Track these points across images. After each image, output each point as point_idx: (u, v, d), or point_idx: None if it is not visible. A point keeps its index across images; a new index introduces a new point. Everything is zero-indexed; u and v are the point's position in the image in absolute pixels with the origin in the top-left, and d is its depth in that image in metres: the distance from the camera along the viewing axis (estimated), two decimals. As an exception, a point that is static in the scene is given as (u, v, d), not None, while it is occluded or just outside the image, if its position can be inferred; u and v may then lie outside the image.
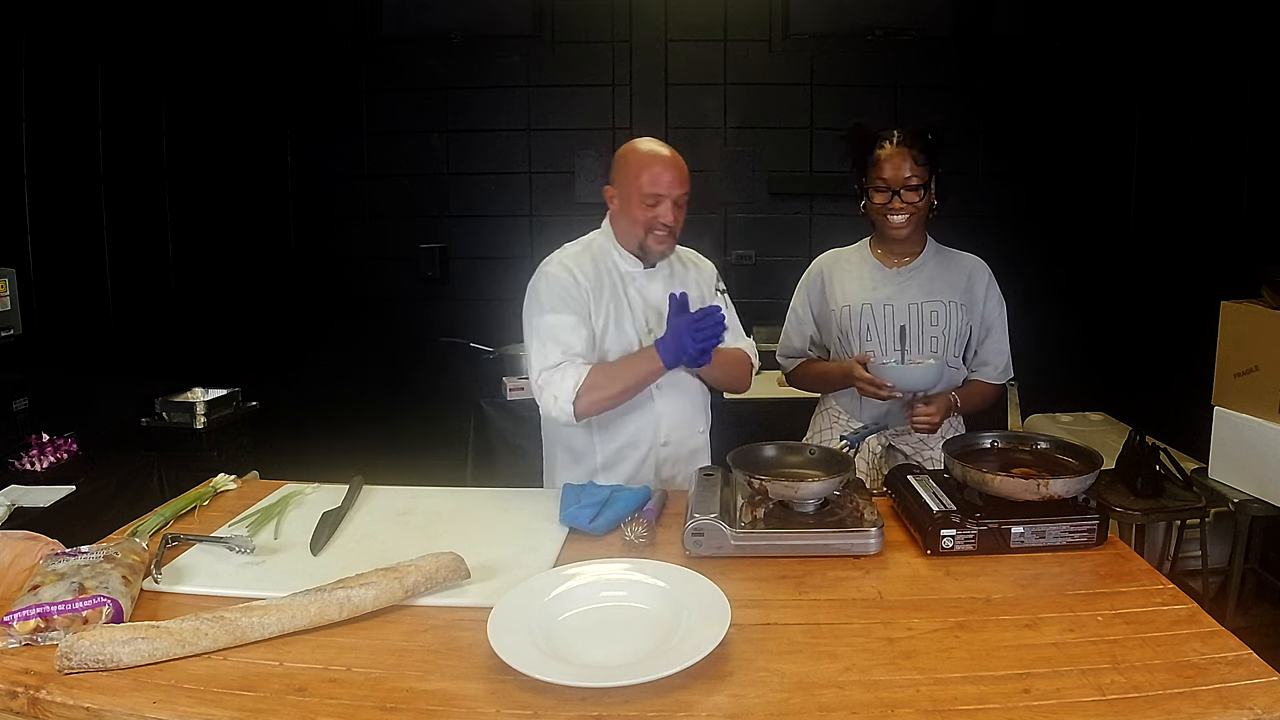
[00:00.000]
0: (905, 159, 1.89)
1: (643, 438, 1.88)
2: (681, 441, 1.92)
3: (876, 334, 1.98)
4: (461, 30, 4.16)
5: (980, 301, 2.00)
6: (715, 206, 4.18)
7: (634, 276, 1.88)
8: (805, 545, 1.38)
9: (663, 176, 1.77)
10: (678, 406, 1.91)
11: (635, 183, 1.78)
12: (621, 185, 1.82)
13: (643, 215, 1.79)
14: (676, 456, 1.92)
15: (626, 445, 1.88)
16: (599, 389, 1.71)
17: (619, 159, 1.84)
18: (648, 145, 1.82)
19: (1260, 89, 3.19)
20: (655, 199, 1.77)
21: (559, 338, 1.76)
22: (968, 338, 2.01)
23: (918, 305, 1.97)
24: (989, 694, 0.99)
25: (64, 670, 1.03)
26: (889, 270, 2.01)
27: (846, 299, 2.02)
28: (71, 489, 2.53)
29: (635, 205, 1.79)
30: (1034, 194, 4.11)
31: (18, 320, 2.78)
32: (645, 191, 1.77)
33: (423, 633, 1.15)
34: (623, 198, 1.82)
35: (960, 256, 2.03)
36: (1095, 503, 1.44)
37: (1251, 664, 1.04)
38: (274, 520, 1.54)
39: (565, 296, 1.79)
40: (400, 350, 4.31)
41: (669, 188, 1.77)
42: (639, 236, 1.82)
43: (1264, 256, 2.66)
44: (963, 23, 4.10)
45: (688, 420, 1.93)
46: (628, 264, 1.88)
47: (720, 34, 4.09)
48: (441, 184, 4.23)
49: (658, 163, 1.78)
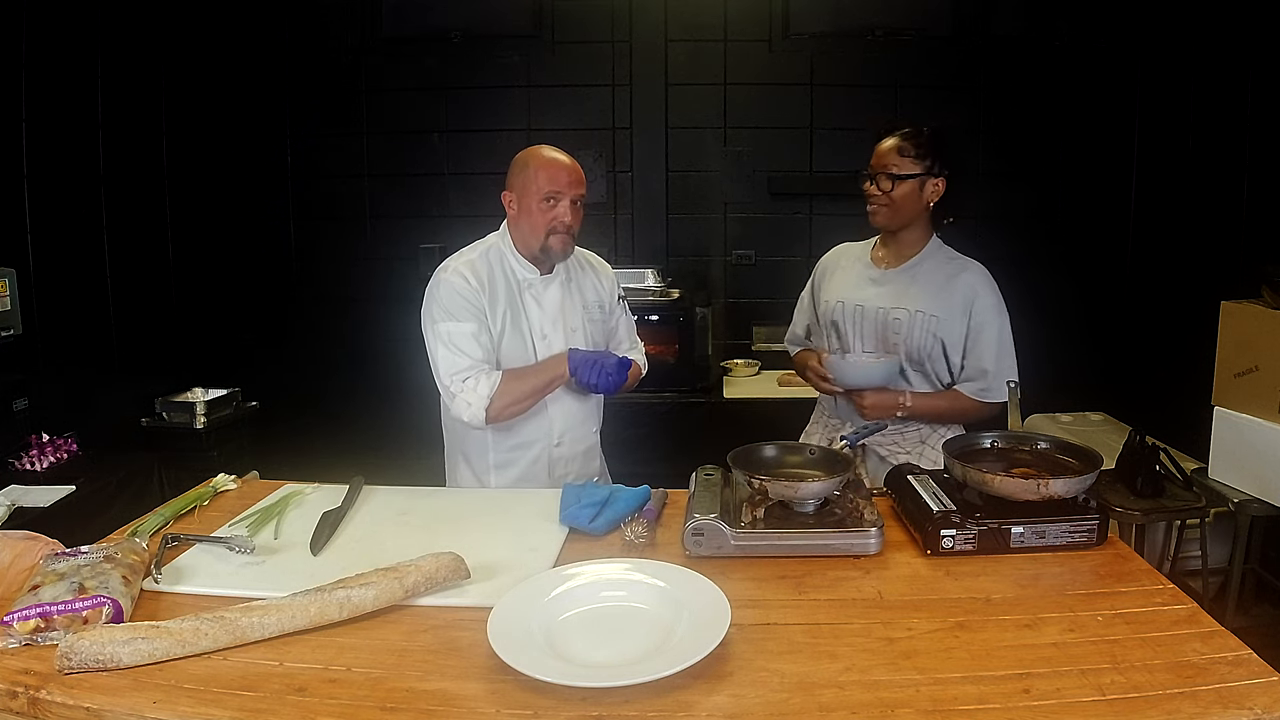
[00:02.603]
0: (892, 149, 1.90)
1: (537, 438, 1.94)
2: (575, 441, 2.00)
3: (846, 333, 2.02)
4: (461, 30, 4.16)
5: (960, 315, 1.90)
6: (715, 206, 4.18)
7: (530, 283, 1.93)
8: (805, 545, 1.38)
9: (560, 176, 1.84)
10: (571, 408, 1.98)
11: (534, 184, 1.83)
12: (520, 188, 1.86)
13: (543, 216, 1.84)
14: (570, 455, 1.99)
15: (520, 445, 1.94)
16: (510, 395, 1.79)
17: (517, 163, 1.89)
18: (546, 150, 1.88)
19: (1260, 89, 3.19)
20: (554, 197, 1.83)
21: (463, 346, 1.82)
22: (937, 349, 1.92)
23: (884, 310, 1.96)
24: (989, 694, 0.99)
25: (64, 670, 1.03)
26: (877, 271, 2.02)
27: (831, 294, 2.06)
28: (71, 489, 2.53)
29: (535, 206, 1.84)
30: (1034, 194, 4.11)
31: (18, 320, 2.78)
32: (545, 191, 1.82)
33: (423, 633, 1.15)
34: (522, 200, 1.86)
35: (957, 264, 1.95)
36: (1095, 503, 1.43)
37: (1251, 664, 1.04)
38: (274, 520, 1.54)
39: (463, 303, 1.83)
40: (400, 350, 4.30)
41: (567, 186, 1.84)
42: (539, 239, 1.86)
43: (1264, 256, 2.66)
44: (963, 23, 4.10)
45: (580, 421, 2.01)
46: (524, 270, 1.92)
47: (720, 34, 4.09)
48: (441, 184, 4.23)
49: (555, 164, 1.85)
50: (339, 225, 4.31)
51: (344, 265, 4.32)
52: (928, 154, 1.89)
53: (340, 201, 4.29)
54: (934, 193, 1.92)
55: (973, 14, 4.09)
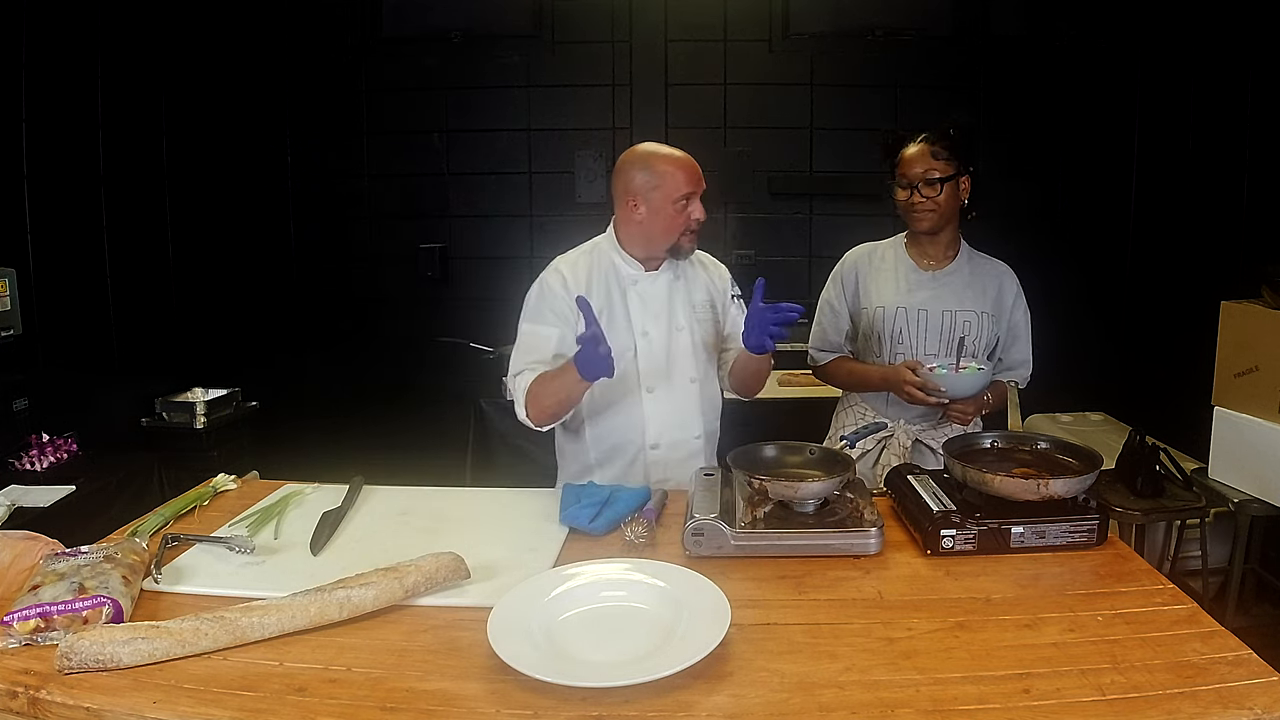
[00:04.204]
0: (925, 154, 1.93)
1: (631, 438, 1.87)
2: (674, 445, 1.88)
3: (910, 339, 2.00)
4: (461, 30, 4.17)
5: (1008, 310, 2.04)
6: (715, 206, 4.18)
7: (635, 279, 1.88)
8: (805, 545, 1.38)
9: (693, 175, 1.82)
10: (668, 409, 1.88)
11: (667, 186, 1.79)
12: (647, 191, 1.80)
13: (680, 217, 1.81)
14: (668, 460, 1.88)
15: (616, 446, 1.88)
16: (537, 398, 1.74)
17: (636, 166, 1.81)
18: (663, 149, 1.84)
19: (1260, 89, 3.19)
20: (689, 197, 1.81)
21: (527, 345, 1.81)
22: (994, 345, 2.04)
23: (951, 313, 1.99)
24: (989, 694, 0.99)
25: (64, 670, 1.03)
26: (924, 273, 2.03)
27: (881, 299, 2.04)
28: (71, 489, 2.53)
29: (670, 208, 1.80)
30: (1034, 194, 4.11)
31: (18, 320, 2.78)
32: (682, 191, 1.79)
33: (423, 633, 1.15)
34: (652, 203, 1.80)
35: (991, 264, 2.06)
36: (1095, 503, 1.43)
37: (1251, 664, 1.04)
38: (274, 520, 1.54)
39: (548, 305, 1.82)
40: (400, 350, 4.31)
41: (699, 184, 1.82)
42: (672, 239, 1.83)
43: (1264, 256, 2.65)
44: (963, 23, 4.10)
45: (679, 423, 1.89)
46: (629, 267, 1.88)
47: (720, 34, 4.09)
48: (441, 184, 4.23)
49: (686, 164, 1.82)
50: (339, 225, 4.32)
51: (344, 265, 4.32)
52: (958, 152, 1.94)
53: (340, 201, 4.29)
54: (965, 189, 1.97)
55: (973, 14, 4.09)
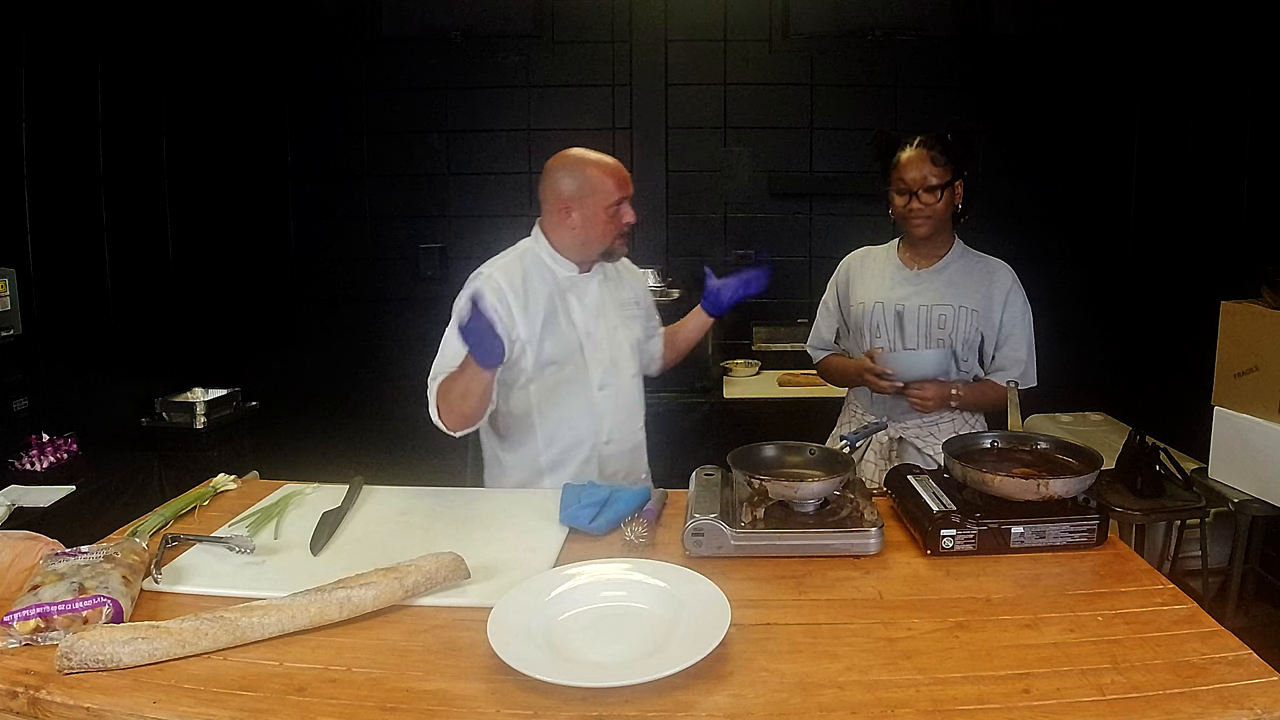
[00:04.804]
0: (924, 160, 1.93)
1: (585, 437, 1.92)
2: (624, 438, 1.97)
3: (886, 332, 2.04)
4: (461, 30, 4.16)
5: (999, 307, 2.02)
6: (715, 206, 4.18)
7: (572, 281, 1.92)
8: (805, 545, 1.38)
9: (623, 180, 1.87)
10: (618, 404, 1.96)
11: (600, 192, 1.83)
12: (580, 197, 1.84)
13: (614, 222, 1.86)
14: (619, 453, 1.97)
15: (571, 446, 1.91)
16: (445, 397, 1.74)
17: (566, 172, 1.85)
18: (593, 155, 1.87)
19: (1260, 89, 3.19)
20: (620, 204, 1.85)
21: (443, 352, 1.81)
22: (979, 342, 2.02)
23: (928, 308, 2.01)
24: (989, 694, 0.99)
25: (64, 670, 1.03)
26: (910, 271, 2.06)
27: (864, 296, 2.08)
28: (71, 489, 2.53)
29: (603, 213, 1.84)
30: (1034, 194, 4.10)
31: (18, 320, 2.78)
32: (615, 197, 1.84)
33: (423, 633, 1.15)
34: (586, 209, 1.84)
35: (985, 261, 2.06)
36: (1095, 503, 1.43)
37: (1251, 664, 1.04)
38: (274, 520, 1.54)
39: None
40: (400, 350, 4.31)
41: (628, 189, 1.87)
42: (605, 243, 1.88)
43: (1264, 256, 2.65)
44: (963, 23, 4.09)
45: (628, 417, 1.99)
46: (563, 269, 1.91)
47: (720, 34, 4.09)
48: (441, 184, 4.23)
49: (616, 170, 1.87)
50: (339, 225, 4.31)
51: (344, 265, 4.32)
52: (953, 158, 1.95)
53: (340, 201, 4.29)
54: (959, 193, 1.99)
55: (973, 14, 4.08)
